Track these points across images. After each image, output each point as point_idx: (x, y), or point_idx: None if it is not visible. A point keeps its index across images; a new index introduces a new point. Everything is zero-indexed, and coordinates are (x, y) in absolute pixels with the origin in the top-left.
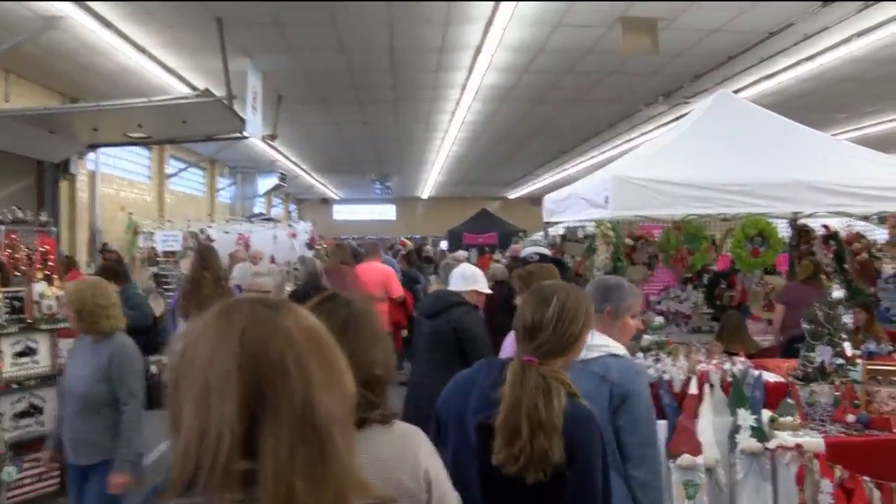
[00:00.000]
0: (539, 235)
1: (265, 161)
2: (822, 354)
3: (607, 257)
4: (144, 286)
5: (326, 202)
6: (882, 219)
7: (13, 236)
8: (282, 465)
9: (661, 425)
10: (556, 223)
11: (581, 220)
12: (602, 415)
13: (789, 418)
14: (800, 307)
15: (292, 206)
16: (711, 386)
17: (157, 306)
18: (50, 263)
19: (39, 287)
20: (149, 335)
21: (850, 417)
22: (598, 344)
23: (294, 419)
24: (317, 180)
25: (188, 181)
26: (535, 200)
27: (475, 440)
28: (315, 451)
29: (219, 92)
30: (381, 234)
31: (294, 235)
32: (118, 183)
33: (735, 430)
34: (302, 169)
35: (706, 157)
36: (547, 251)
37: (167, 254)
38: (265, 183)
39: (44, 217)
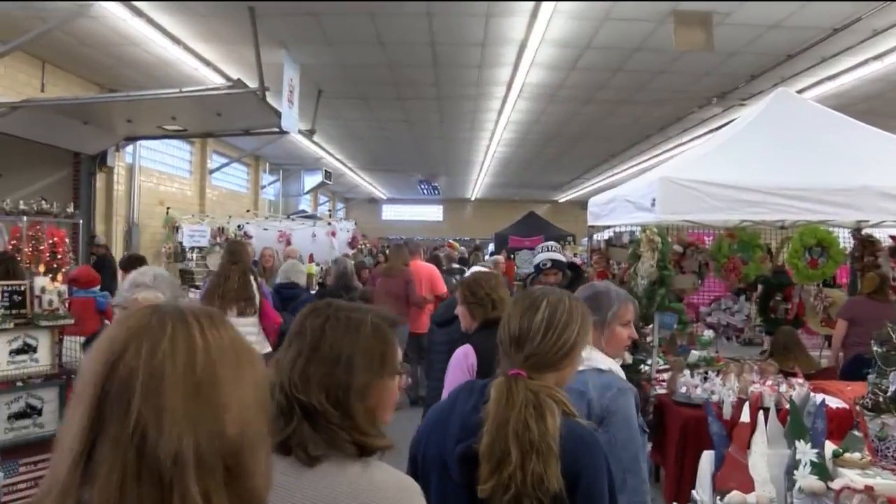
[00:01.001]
0: (550, 243)
1: (310, 158)
2: (895, 382)
3: (652, 265)
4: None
5: (374, 202)
6: None
7: (38, 227)
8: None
9: (708, 456)
10: (602, 227)
11: (626, 224)
12: None
13: (857, 455)
14: (865, 324)
15: (339, 205)
16: (766, 412)
17: None
18: (59, 256)
19: (41, 281)
20: None
21: None
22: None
23: (127, 451)
24: (363, 179)
25: (231, 177)
26: (585, 205)
27: (458, 475)
28: (154, 497)
29: (254, 84)
30: (429, 235)
31: (333, 234)
32: (158, 177)
33: (793, 465)
34: (347, 167)
35: (762, 159)
36: (562, 257)
37: (195, 249)
38: (310, 180)
39: (70, 209)
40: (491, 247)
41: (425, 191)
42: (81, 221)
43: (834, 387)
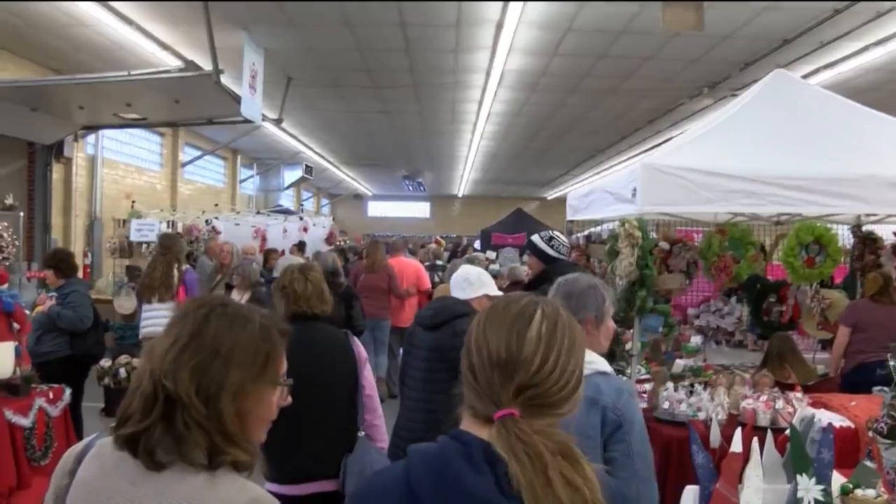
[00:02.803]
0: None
1: (288, 152)
2: None
3: (631, 262)
4: (117, 279)
5: (360, 198)
6: None
7: None
8: None
9: (692, 493)
10: (583, 223)
11: (605, 217)
12: (594, 446)
13: (871, 491)
14: (869, 329)
15: (324, 202)
16: (762, 437)
17: (130, 302)
18: None
19: None
20: (86, 338)
21: None
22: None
23: None
24: (346, 174)
25: (207, 171)
26: None
27: None
28: None
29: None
30: (416, 233)
31: (306, 230)
32: (123, 169)
33: (794, 503)
34: (329, 162)
35: (758, 145)
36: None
37: (143, 245)
38: (290, 175)
39: (9, 200)
40: (477, 244)
41: (410, 187)
42: (22, 214)
43: (836, 401)
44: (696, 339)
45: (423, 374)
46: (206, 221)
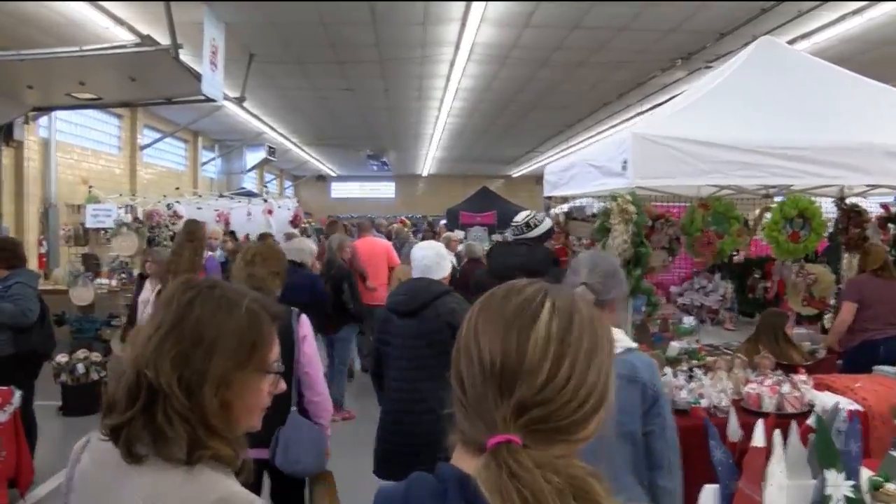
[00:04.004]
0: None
1: (251, 133)
2: None
3: (626, 240)
4: (73, 269)
5: (324, 179)
6: None
7: None
8: None
9: (711, 492)
10: (561, 199)
11: (589, 193)
12: (634, 423)
13: None
14: (874, 305)
15: (288, 183)
16: (784, 428)
17: (87, 293)
18: None
19: None
20: (31, 334)
21: None
22: (614, 339)
23: None
24: (310, 155)
25: (167, 154)
26: (540, 179)
27: None
28: None
29: (166, 42)
30: (381, 213)
31: (270, 212)
32: (79, 153)
33: (821, 501)
34: (292, 142)
35: (752, 115)
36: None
37: (99, 231)
38: (253, 157)
39: None
40: (443, 223)
41: (375, 167)
42: None
43: (840, 383)
44: (688, 320)
45: (407, 363)
46: (168, 206)
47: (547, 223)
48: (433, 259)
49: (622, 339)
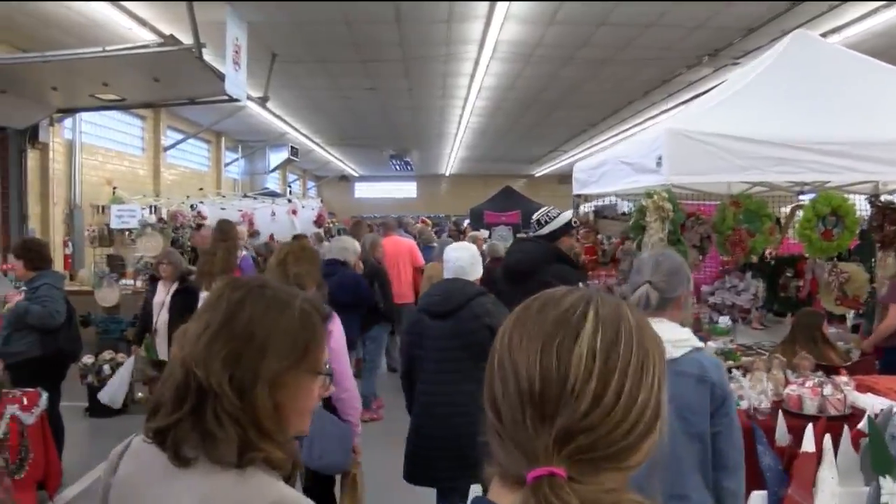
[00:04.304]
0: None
1: (273, 133)
2: None
3: (662, 238)
4: (98, 270)
5: (347, 179)
6: None
7: None
8: None
9: (759, 497)
10: (594, 196)
11: (621, 190)
12: (703, 423)
13: None
14: None
15: (311, 184)
16: (836, 436)
17: (112, 294)
18: None
19: None
20: (58, 335)
21: None
22: (682, 338)
23: None
24: (333, 155)
25: (190, 154)
26: (563, 178)
27: None
28: None
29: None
30: (403, 213)
31: (294, 212)
32: (104, 154)
33: None
34: (315, 143)
35: (789, 110)
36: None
37: (124, 232)
38: (276, 157)
39: None
40: (466, 222)
41: (398, 167)
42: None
43: (883, 384)
44: (723, 320)
45: (443, 366)
46: (192, 206)
47: (561, 219)
48: (468, 260)
49: (689, 338)
